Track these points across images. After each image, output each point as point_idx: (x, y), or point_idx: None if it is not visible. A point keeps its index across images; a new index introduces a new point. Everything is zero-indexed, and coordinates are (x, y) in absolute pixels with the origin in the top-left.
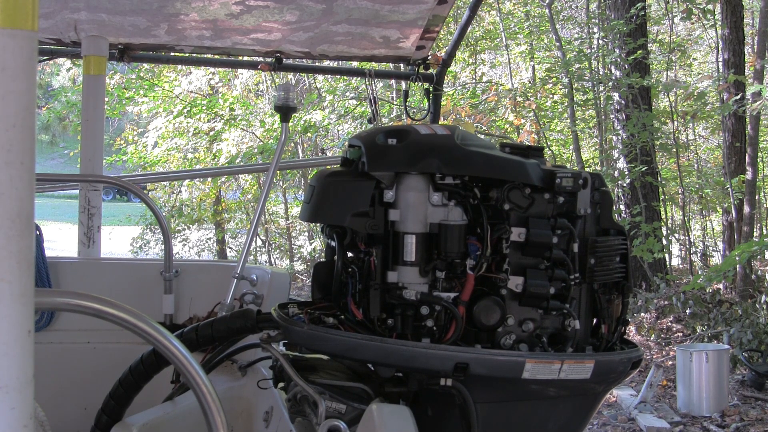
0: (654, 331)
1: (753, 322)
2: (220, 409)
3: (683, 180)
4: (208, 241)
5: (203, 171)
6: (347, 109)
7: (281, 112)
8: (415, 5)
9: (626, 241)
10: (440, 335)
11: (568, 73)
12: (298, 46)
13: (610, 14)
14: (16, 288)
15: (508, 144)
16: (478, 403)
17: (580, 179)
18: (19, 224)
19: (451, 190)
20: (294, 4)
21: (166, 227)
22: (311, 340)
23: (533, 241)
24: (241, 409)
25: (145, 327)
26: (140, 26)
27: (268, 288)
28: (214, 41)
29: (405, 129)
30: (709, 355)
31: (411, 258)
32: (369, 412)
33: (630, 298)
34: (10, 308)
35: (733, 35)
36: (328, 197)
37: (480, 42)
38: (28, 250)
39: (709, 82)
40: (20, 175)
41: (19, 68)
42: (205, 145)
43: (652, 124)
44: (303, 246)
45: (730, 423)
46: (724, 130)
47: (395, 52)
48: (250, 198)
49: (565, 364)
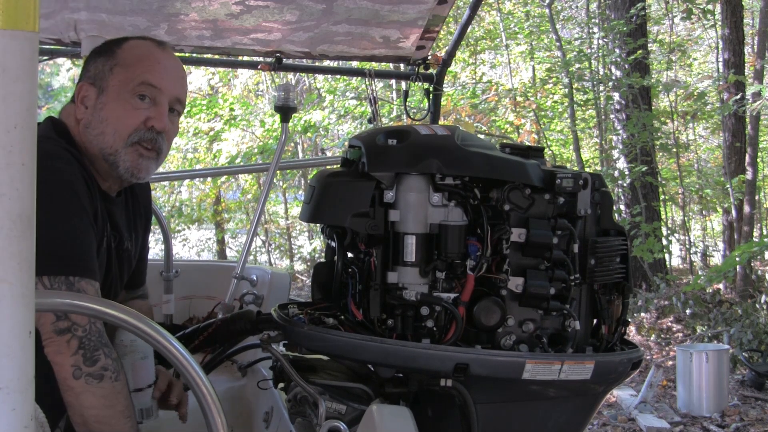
0: (654, 331)
1: (753, 322)
2: (220, 410)
3: (683, 180)
4: (208, 241)
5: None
6: (347, 109)
7: (281, 112)
8: (415, 5)
9: (626, 242)
10: (440, 336)
11: (568, 73)
12: (298, 46)
13: (610, 14)
14: (17, 289)
15: (509, 144)
16: (478, 404)
17: (581, 180)
18: (20, 225)
19: (451, 190)
20: (294, 4)
21: (166, 227)
22: (311, 341)
23: (533, 241)
24: (241, 410)
25: (145, 328)
26: (140, 26)
27: (268, 288)
28: (214, 41)
29: (405, 129)
30: (709, 355)
31: (411, 258)
32: (369, 412)
33: (630, 298)
34: (11, 309)
35: (733, 35)
36: (329, 198)
37: (480, 42)
38: (29, 252)
39: (709, 82)
40: (21, 176)
41: (19, 69)
42: (205, 145)
43: (652, 124)
44: (303, 246)
45: (730, 423)
46: (724, 130)
47: (395, 52)
48: (250, 198)
49: (565, 364)
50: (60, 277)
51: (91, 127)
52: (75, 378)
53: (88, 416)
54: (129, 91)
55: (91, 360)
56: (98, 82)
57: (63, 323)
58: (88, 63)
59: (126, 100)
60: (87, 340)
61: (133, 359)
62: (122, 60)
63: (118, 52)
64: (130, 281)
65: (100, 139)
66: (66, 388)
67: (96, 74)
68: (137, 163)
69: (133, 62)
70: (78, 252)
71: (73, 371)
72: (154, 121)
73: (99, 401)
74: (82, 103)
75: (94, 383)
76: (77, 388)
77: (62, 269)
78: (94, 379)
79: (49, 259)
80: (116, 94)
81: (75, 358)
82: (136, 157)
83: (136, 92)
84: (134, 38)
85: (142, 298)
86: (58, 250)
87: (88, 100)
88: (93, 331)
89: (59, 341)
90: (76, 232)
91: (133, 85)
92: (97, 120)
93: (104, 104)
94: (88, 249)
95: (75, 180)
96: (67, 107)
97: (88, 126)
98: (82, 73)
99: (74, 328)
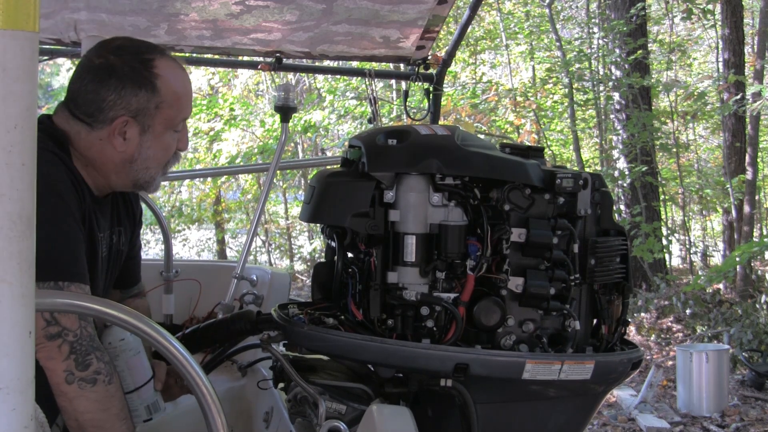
0: (654, 331)
1: (753, 322)
2: (220, 410)
3: (683, 180)
4: (208, 241)
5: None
6: (347, 109)
7: (281, 112)
8: (415, 5)
9: (626, 242)
10: (440, 336)
11: (568, 73)
12: (298, 46)
13: (610, 14)
14: (17, 289)
15: (509, 144)
16: (478, 404)
17: (581, 180)
18: (20, 225)
19: (451, 190)
20: (294, 4)
21: (166, 227)
22: (311, 341)
23: (533, 241)
24: (241, 410)
25: (145, 328)
26: (140, 26)
27: (268, 288)
28: (214, 41)
29: (405, 129)
30: (709, 355)
31: (411, 258)
32: (369, 412)
33: (630, 298)
34: (10, 309)
35: (733, 35)
36: (329, 198)
37: (480, 42)
38: (29, 252)
39: (709, 82)
40: (21, 176)
41: (20, 69)
42: (205, 145)
43: (652, 124)
44: (303, 246)
45: (730, 423)
46: (724, 130)
47: (395, 52)
48: (250, 198)
49: (565, 364)
50: (49, 282)
51: (136, 164)
52: (68, 383)
53: (83, 421)
54: (172, 128)
55: (84, 364)
56: (141, 118)
57: (53, 328)
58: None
59: (169, 137)
60: (78, 345)
61: (126, 358)
62: (165, 98)
63: (160, 87)
64: (123, 281)
65: (144, 173)
66: (59, 393)
67: (139, 110)
68: (159, 183)
69: (175, 101)
70: (66, 256)
71: (66, 376)
72: (182, 146)
73: (93, 405)
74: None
75: (87, 387)
76: (70, 393)
77: (51, 274)
78: (87, 384)
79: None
80: (161, 133)
81: (67, 363)
82: (161, 176)
83: (177, 128)
84: (164, 60)
85: (139, 296)
86: (46, 255)
87: (130, 136)
88: (84, 335)
89: (50, 346)
90: (63, 237)
91: (175, 124)
92: (143, 158)
93: (150, 143)
94: (77, 253)
95: (61, 183)
96: (62, 111)
97: (133, 162)
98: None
99: (65, 333)
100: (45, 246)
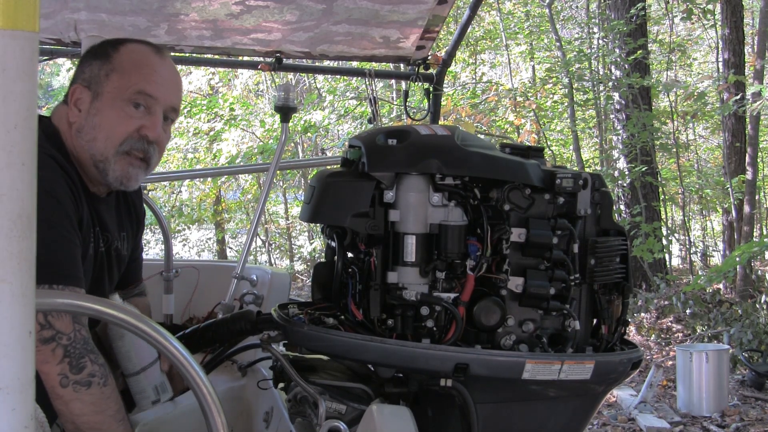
0: (654, 331)
1: (753, 322)
2: (220, 410)
3: (683, 180)
4: (208, 241)
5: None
6: (347, 109)
7: (281, 112)
8: (415, 5)
9: (626, 242)
10: (440, 336)
11: (568, 73)
12: (298, 46)
13: (610, 14)
14: (17, 289)
15: (509, 144)
16: (478, 404)
17: (580, 180)
18: (21, 225)
19: (451, 190)
20: (294, 4)
21: (166, 227)
22: (311, 341)
23: (533, 241)
24: (241, 410)
25: (145, 328)
26: (140, 26)
27: (268, 288)
28: (214, 41)
29: (405, 129)
30: (709, 355)
31: (411, 258)
32: (369, 412)
33: (630, 298)
34: (10, 309)
35: (733, 35)
36: (329, 198)
37: (480, 42)
38: (29, 251)
39: (709, 82)
40: (21, 176)
41: (20, 69)
42: (205, 145)
43: (652, 124)
44: (303, 246)
45: (730, 423)
46: (724, 130)
47: (395, 52)
48: (250, 198)
49: (565, 364)
50: (44, 285)
51: (84, 132)
52: (63, 386)
53: (80, 423)
54: (124, 99)
55: (78, 368)
56: (93, 86)
57: (47, 332)
58: (83, 64)
59: (120, 108)
60: (72, 348)
61: (132, 338)
62: (119, 66)
63: (115, 57)
64: (124, 281)
65: (92, 145)
66: (55, 397)
67: (91, 78)
68: (126, 171)
69: (129, 69)
70: (61, 260)
71: (60, 380)
72: (147, 130)
73: (89, 408)
74: (75, 105)
75: (82, 390)
76: (66, 396)
77: (46, 278)
78: (82, 387)
79: None
80: (111, 100)
81: (61, 366)
82: (126, 165)
83: (132, 100)
84: (132, 42)
85: (140, 295)
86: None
87: (82, 103)
88: (78, 338)
89: (44, 350)
90: (59, 241)
91: (129, 93)
92: (89, 125)
93: (98, 110)
94: (72, 256)
95: (57, 187)
96: (59, 108)
97: (81, 131)
98: (77, 74)
99: (58, 337)
100: (40, 249)
